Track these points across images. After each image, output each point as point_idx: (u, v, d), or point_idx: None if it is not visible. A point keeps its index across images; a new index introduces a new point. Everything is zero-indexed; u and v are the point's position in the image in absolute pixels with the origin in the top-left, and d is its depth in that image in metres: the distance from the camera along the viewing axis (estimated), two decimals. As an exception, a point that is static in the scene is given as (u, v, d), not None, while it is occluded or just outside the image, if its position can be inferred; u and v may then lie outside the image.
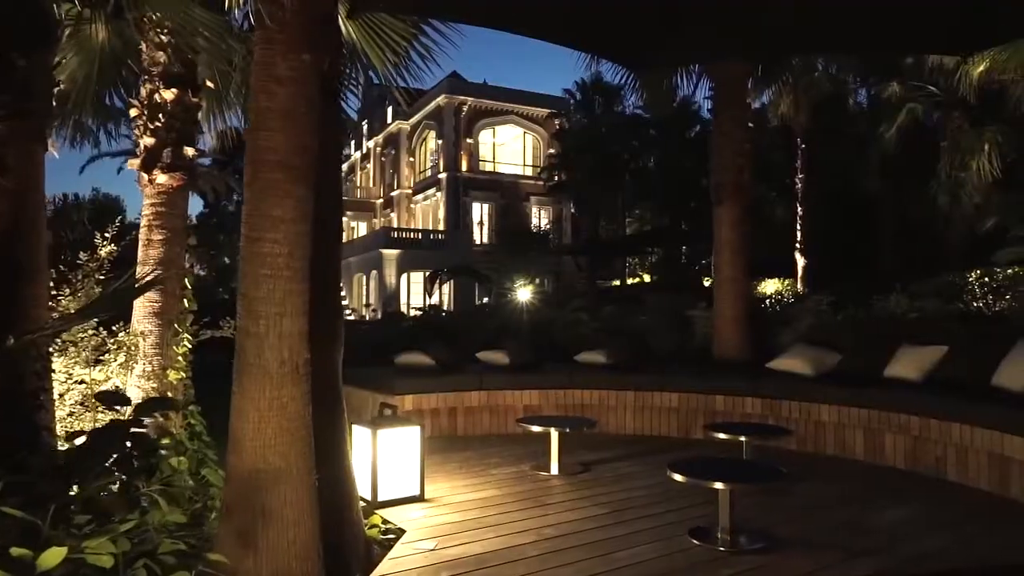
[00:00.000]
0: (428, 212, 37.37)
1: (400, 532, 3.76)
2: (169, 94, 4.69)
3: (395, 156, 40.61)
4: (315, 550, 2.86)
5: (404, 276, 32.29)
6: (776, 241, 22.65)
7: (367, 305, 32.82)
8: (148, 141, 4.69)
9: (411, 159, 39.38)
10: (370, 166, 44.79)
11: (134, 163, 4.73)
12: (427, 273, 26.69)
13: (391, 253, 31.82)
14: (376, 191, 43.36)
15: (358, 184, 46.21)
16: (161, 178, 4.65)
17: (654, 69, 6.85)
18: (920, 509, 4.23)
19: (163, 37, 4.52)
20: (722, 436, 4.78)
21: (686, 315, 9.06)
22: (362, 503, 4.13)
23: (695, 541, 3.59)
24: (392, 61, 5.37)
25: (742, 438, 4.75)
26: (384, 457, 4.22)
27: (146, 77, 4.74)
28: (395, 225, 38.26)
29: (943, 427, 4.83)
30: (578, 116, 29.10)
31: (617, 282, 35.12)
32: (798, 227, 20.77)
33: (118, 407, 3.26)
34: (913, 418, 5.04)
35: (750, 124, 7.84)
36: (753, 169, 7.78)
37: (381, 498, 4.18)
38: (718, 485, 3.47)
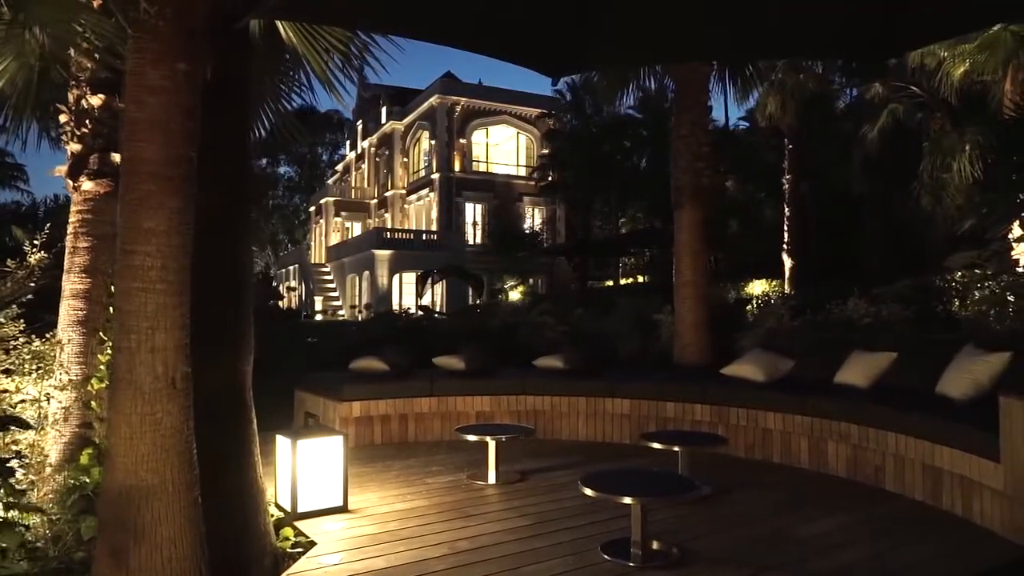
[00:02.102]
0: (422, 212, 37.32)
1: (311, 545, 3.71)
2: (96, 100, 4.63)
3: (389, 156, 40.59)
4: (195, 568, 2.80)
5: (396, 277, 32.26)
6: (765, 242, 22.60)
7: (353, 306, 32.81)
8: (75, 147, 4.63)
9: (405, 159, 39.35)
10: (365, 166, 44.77)
11: (61, 169, 4.68)
12: (419, 274, 26.65)
13: (383, 254, 31.78)
14: (371, 191, 43.34)
15: (353, 184, 46.20)
16: (87, 185, 4.59)
17: (605, 71, 6.80)
18: (849, 520, 4.16)
19: (86, 43, 4.46)
20: (656, 446, 4.72)
21: (653, 319, 9.01)
22: (281, 514, 4.10)
23: (606, 556, 3.53)
24: (328, 64, 5.36)
25: (676, 448, 4.68)
26: (305, 467, 4.17)
27: (73, 83, 4.69)
28: (389, 225, 38.24)
29: (880, 436, 4.76)
30: (568, 116, 29.02)
31: (611, 282, 35.09)
32: (785, 228, 20.71)
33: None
34: (853, 427, 4.98)
35: (709, 127, 7.79)
36: (744, 170, 7.74)
37: (301, 509, 4.13)
38: (627, 500, 3.41)
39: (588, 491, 3.48)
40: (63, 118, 4.78)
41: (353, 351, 7.15)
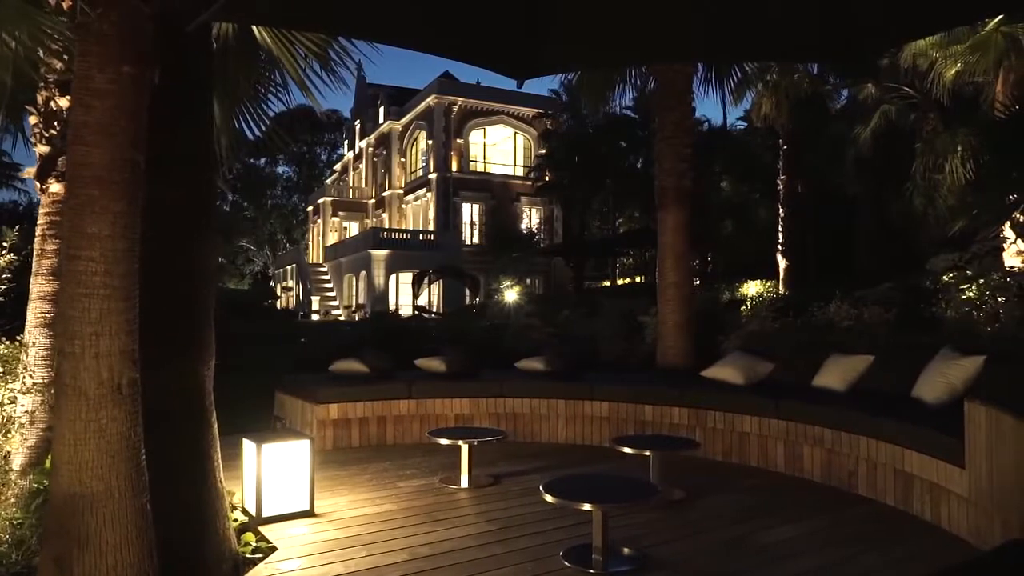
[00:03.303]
0: (419, 212, 37.32)
1: (271, 550, 3.68)
2: (64, 101, 4.58)
3: (387, 156, 40.59)
4: (143, 575, 2.78)
5: (393, 277, 32.24)
6: (760, 243, 22.57)
7: (347, 307, 32.81)
8: (43, 149, 4.59)
9: (402, 159, 39.35)
10: (362, 166, 44.77)
11: (30, 171, 4.65)
12: (415, 274, 26.63)
13: (380, 254, 31.77)
14: (368, 191, 43.34)
15: (351, 184, 46.19)
16: (55, 187, 4.55)
17: (590, 73, 6.77)
18: (816, 525, 4.14)
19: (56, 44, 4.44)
20: (627, 450, 4.69)
21: (638, 320, 8.99)
22: (246, 519, 4.08)
23: (567, 563, 3.50)
24: (301, 65, 5.35)
25: (647, 452, 4.66)
26: (270, 472, 4.15)
27: (42, 84, 4.67)
28: (386, 225, 38.23)
29: (853, 440, 4.74)
30: (564, 117, 29.00)
31: (607, 283, 35.06)
32: (780, 229, 20.68)
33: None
34: (827, 431, 4.96)
35: (694, 128, 7.76)
36: (740, 170, 7.73)
37: (266, 513, 4.11)
38: (586, 506, 3.38)
39: (549, 497, 3.46)
40: (32, 119, 4.76)
41: (344, 351, 7.12)
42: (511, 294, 28.18)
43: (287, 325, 24.55)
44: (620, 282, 33.59)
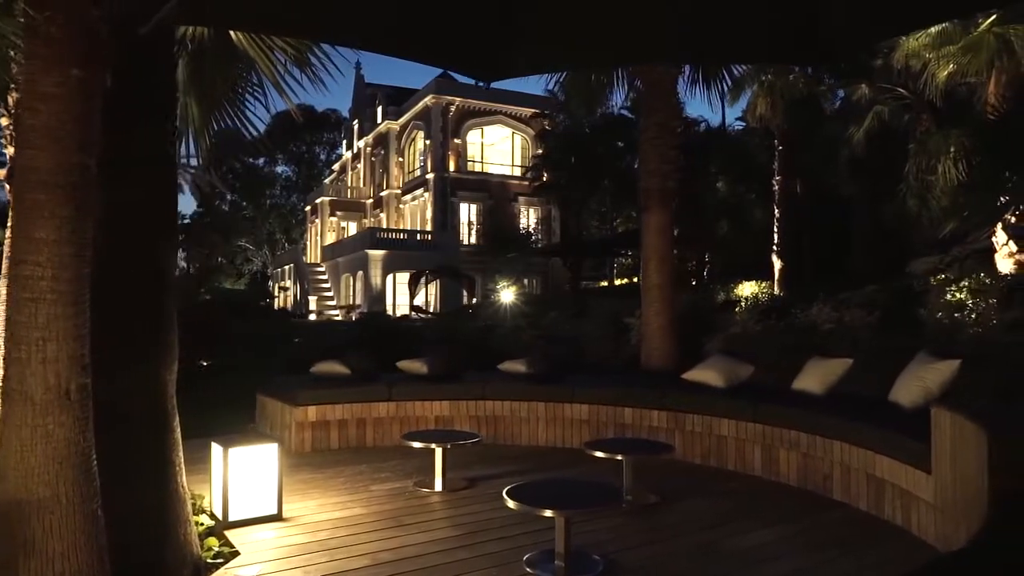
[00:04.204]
0: (417, 212, 37.30)
1: (233, 555, 3.66)
2: (35, 103, 4.59)
3: (384, 156, 40.57)
4: (92, 583, 2.75)
5: (391, 277, 32.22)
6: (756, 243, 22.52)
7: (343, 307, 32.81)
8: (11, 151, 4.59)
9: (400, 159, 39.33)
10: (360, 166, 44.76)
11: (1, 173, 4.63)
12: (411, 274, 26.61)
13: (376, 254, 31.75)
14: (366, 191, 43.32)
15: (349, 184, 46.18)
16: (25, 189, 4.55)
17: (577, 73, 6.74)
18: (789, 531, 4.11)
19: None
20: (599, 455, 4.66)
21: (624, 322, 8.96)
22: (213, 523, 4.06)
23: (529, 570, 3.48)
24: (276, 66, 5.33)
25: (619, 456, 4.63)
26: (237, 475, 4.13)
27: (14, 85, 4.65)
28: (384, 225, 38.22)
29: (827, 445, 4.71)
30: (561, 117, 28.95)
31: (605, 283, 35.02)
32: (775, 229, 20.63)
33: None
34: (802, 435, 4.93)
35: (678, 129, 7.74)
36: (736, 171, 7.71)
37: (233, 518, 4.09)
38: (547, 512, 3.36)
39: (511, 503, 3.44)
40: (3, 121, 4.74)
41: (336, 353, 7.09)
42: (507, 294, 28.19)
43: (284, 325, 24.53)
44: (618, 282, 33.55)
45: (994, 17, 12.31)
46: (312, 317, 32.73)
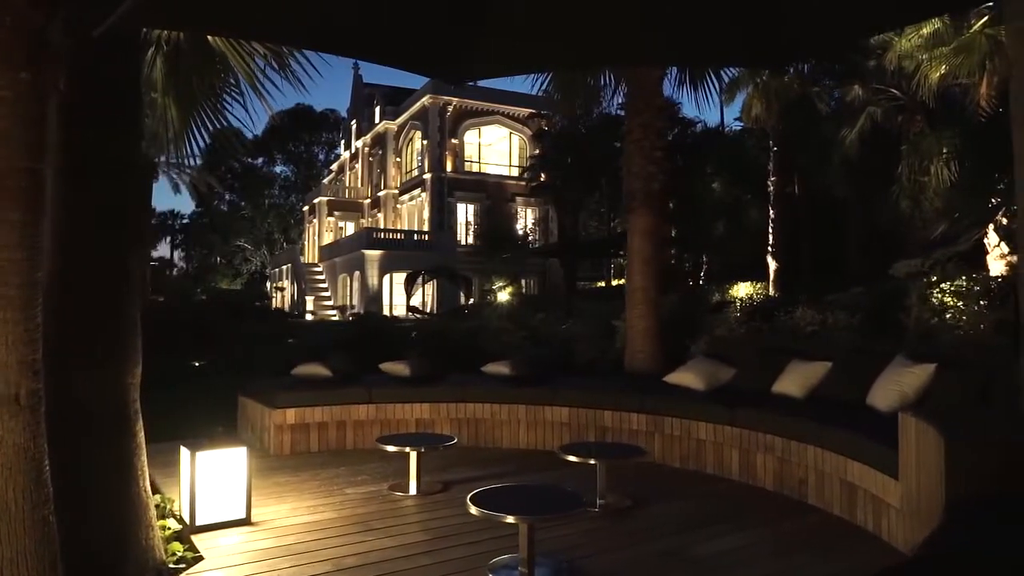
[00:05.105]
0: (414, 212, 37.30)
1: (197, 560, 3.64)
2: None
3: (382, 156, 40.57)
4: (42, 589, 2.73)
5: (387, 277, 32.22)
6: (752, 244, 22.48)
7: (339, 307, 32.79)
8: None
9: (398, 159, 39.33)
10: (358, 166, 44.75)
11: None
12: (407, 274, 26.59)
13: (373, 254, 31.75)
14: (364, 191, 43.32)
15: (347, 184, 46.18)
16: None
17: (562, 72, 6.72)
18: (759, 536, 4.09)
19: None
20: (572, 459, 4.64)
21: (611, 324, 8.94)
22: (180, 527, 4.04)
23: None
24: (252, 68, 5.33)
25: (591, 461, 4.60)
26: (205, 479, 4.11)
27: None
28: (382, 226, 38.21)
29: (801, 449, 4.69)
30: (557, 117, 28.92)
31: (603, 283, 34.97)
32: (770, 230, 20.61)
33: None
34: (778, 439, 4.90)
35: (663, 130, 7.71)
36: (732, 171, 7.68)
37: (200, 522, 4.07)
38: (509, 519, 3.34)
39: (474, 510, 3.41)
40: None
41: (319, 354, 7.06)
42: (503, 295, 28.16)
43: (280, 325, 24.51)
44: (615, 283, 33.51)
45: (986, 18, 12.29)
46: (309, 317, 32.73)
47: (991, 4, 11.30)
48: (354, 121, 45.44)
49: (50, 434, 3.19)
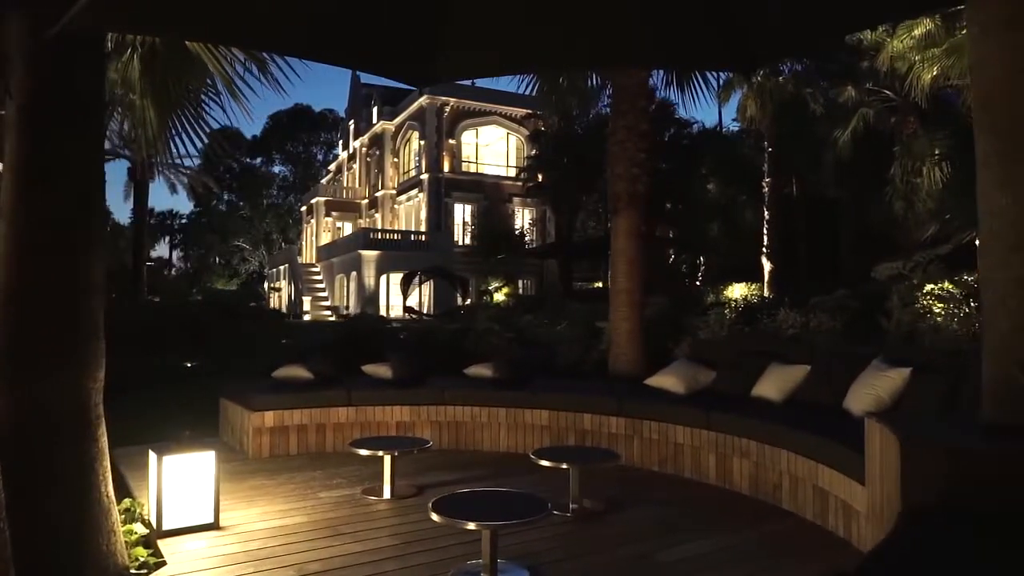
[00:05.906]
0: (411, 213, 37.28)
1: (159, 565, 3.62)
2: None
3: (380, 157, 40.55)
4: (-8, 597, 2.71)
5: (384, 277, 32.20)
6: (747, 245, 22.46)
7: (333, 307, 32.78)
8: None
9: (395, 160, 39.31)
10: (356, 166, 44.74)
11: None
12: (403, 275, 26.56)
13: (370, 254, 31.73)
14: (362, 191, 43.31)
15: (345, 184, 46.17)
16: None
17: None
18: (729, 541, 4.07)
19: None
20: (545, 463, 4.61)
21: (598, 326, 8.91)
22: (147, 532, 4.02)
23: (454, 580, 3.44)
24: (229, 72, 5.31)
25: (564, 465, 4.58)
26: (172, 483, 4.08)
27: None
28: (379, 226, 38.20)
29: (775, 454, 4.66)
30: (554, 118, 28.90)
31: (600, 284, 34.94)
32: (765, 231, 20.58)
33: None
34: (752, 443, 4.88)
35: (648, 132, 7.68)
36: (727, 172, 7.65)
37: (167, 526, 4.05)
38: (470, 525, 3.31)
39: (435, 516, 3.39)
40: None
41: (303, 356, 7.03)
42: (499, 296, 28.13)
43: (276, 326, 24.47)
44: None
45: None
46: (307, 318, 32.71)
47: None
48: (352, 121, 45.43)
49: (5, 440, 3.19)
